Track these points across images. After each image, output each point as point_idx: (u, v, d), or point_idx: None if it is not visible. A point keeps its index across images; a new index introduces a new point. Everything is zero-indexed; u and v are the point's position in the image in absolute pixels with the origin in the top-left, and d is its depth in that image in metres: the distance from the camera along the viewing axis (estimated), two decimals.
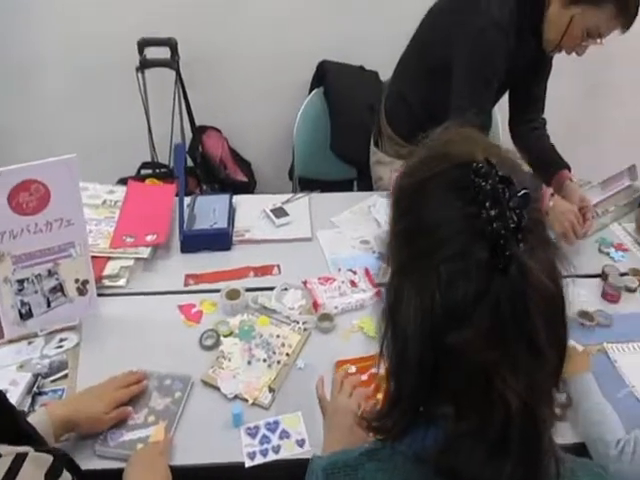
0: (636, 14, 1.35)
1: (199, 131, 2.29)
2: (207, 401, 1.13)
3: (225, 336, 1.25)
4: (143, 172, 2.26)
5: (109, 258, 1.41)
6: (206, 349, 1.23)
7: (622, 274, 1.46)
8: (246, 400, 1.12)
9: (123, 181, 2.21)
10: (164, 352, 1.21)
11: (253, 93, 2.32)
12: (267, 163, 2.46)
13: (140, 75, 2.04)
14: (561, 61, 1.84)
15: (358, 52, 2.24)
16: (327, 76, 2.20)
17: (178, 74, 2.08)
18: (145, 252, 1.43)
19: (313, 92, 2.20)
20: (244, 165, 2.44)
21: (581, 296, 1.41)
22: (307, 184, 2.25)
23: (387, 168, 1.79)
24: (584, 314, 1.33)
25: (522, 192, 0.53)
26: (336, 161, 2.23)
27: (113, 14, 2.09)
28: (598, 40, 1.40)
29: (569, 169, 1.60)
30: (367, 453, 0.61)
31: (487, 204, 0.52)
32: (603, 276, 1.46)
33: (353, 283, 1.37)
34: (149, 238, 1.47)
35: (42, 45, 2.16)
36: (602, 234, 1.64)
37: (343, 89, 2.19)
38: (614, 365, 1.23)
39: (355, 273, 1.40)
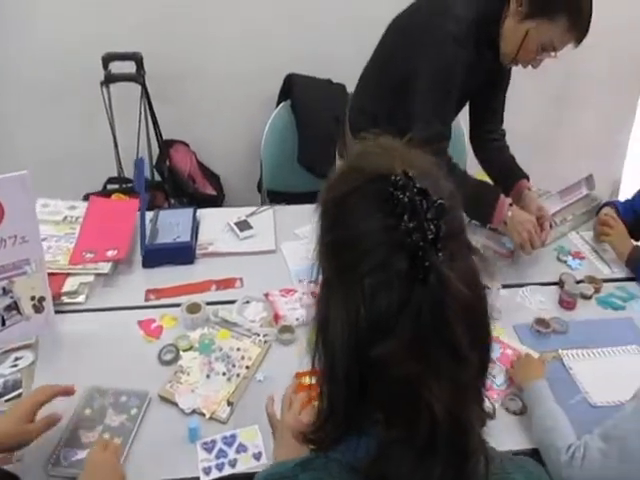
0: (588, 28, 1.38)
1: (167, 145, 2.28)
2: (164, 417, 1.12)
3: (185, 350, 1.25)
4: (110, 187, 2.24)
5: (68, 274, 1.40)
6: (165, 364, 1.22)
7: (578, 281, 1.50)
8: (204, 414, 1.11)
9: (89, 197, 2.22)
10: (122, 368, 1.20)
11: (221, 107, 2.33)
12: (236, 176, 2.46)
13: (105, 90, 2.04)
14: (523, 73, 1.92)
15: (325, 65, 2.27)
16: (294, 89, 2.22)
17: (144, 89, 2.08)
18: (105, 268, 1.43)
19: (280, 105, 2.22)
20: (213, 179, 2.44)
21: (539, 303, 1.45)
22: (276, 196, 2.27)
23: None
24: (540, 321, 1.36)
25: (438, 202, 0.54)
26: (304, 173, 2.24)
27: (77, 28, 2.08)
28: (553, 54, 1.44)
29: (528, 179, 1.63)
30: (302, 464, 0.61)
31: (405, 216, 0.53)
32: (560, 284, 1.49)
33: (315, 294, 1.37)
34: (110, 253, 1.46)
35: (7, 59, 2.14)
36: (561, 242, 1.68)
37: (310, 102, 2.21)
38: (569, 372, 1.25)
39: (317, 284, 1.40)
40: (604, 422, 1.02)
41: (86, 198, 2.13)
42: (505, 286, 1.48)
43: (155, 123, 2.17)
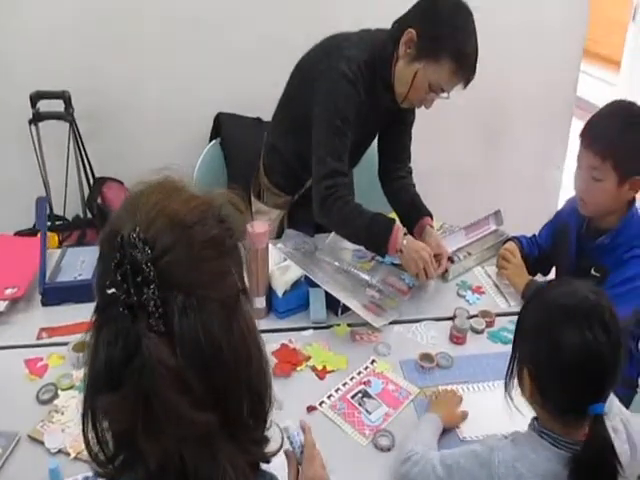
0: (474, 69, 1.45)
1: (99, 183, 2.32)
2: (30, 457, 1.12)
3: (64, 389, 1.26)
4: None
5: None
6: (42, 403, 1.23)
7: (472, 316, 1.53)
8: (69, 454, 1.12)
9: (19, 234, 2.24)
10: None
11: (153, 144, 2.37)
12: None
13: (34, 128, 2.08)
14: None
15: (255, 104, 2.33)
16: (223, 127, 2.27)
17: (72, 127, 2.13)
18: (1, 306, 1.44)
19: (211, 143, 2.27)
20: None
21: (430, 339, 1.48)
22: None
23: (265, 217, 1.85)
24: (425, 356, 1.38)
25: (149, 267, 0.56)
26: None
27: (5, 66, 2.13)
28: (444, 94, 1.50)
29: (431, 217, 1.68)
30: None
31: (125, 285, 0.56)
32: (453, 319, 1.52)
33: None
34: (9, 291, 1.48)
35: None
36: (463, 277, 1.71)
37: (239, 140, 2.26)
38: None
39: None
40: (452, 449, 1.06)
41: (18, 234, 2.18)
42: (399, 322, 1.51)
43: (84, 161, 2.21)
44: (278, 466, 0.78)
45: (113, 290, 0.57)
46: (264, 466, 0.71)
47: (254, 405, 0.66)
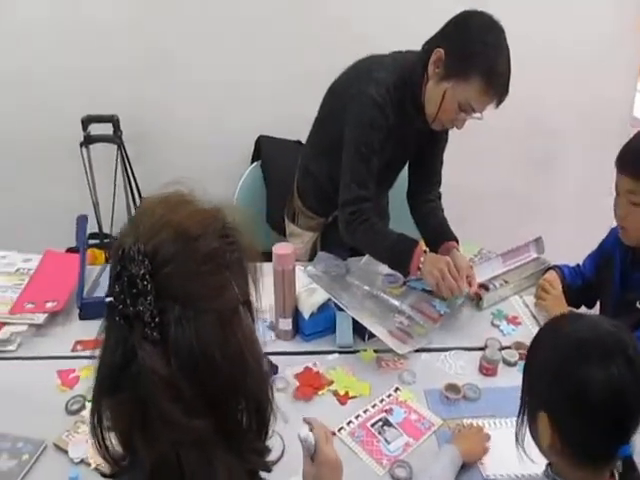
0: (505, 89, 1.41)
1: None
2: (54, 465, 1.16)
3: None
4: (91, 242, 2.37)
5: (5, 323, 1.49)
6: (70, 414, 1.27)
7: (504, 347, 1.47)
8: (89, 465, 1.15)
9: (70, 251, 2.35)
10: (30, 416, 1.25)
11: (197, 166, 2.43)
12: None
13: (85, 150, 2.20)
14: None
15: (295, 128, 2.37)
16: (263, 151, 2.32)
17: (120, 149, 2.23)
18: (40, 318, 1.51)
19: (252, 166, 2.32)
20: None
21: (459, 369, 1.43)
22: None
23: (299, 239, 1.86)
24: (451, 387, 1.34)
25: (144, 280, 0.58)
26: (272, 233, 2.31)
27: (58, 91, 2.27)
28: (477, 115, 1.46)
29: (457, 242, 1.64)
30: None
31: (122, 296, 0.59)
32: (484, 349, 1.47)
33: None
34: (49, 305, 1.55)
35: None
36: (499, 306, 1.65)
37: (279, 163, 2.30)
38: None
39: None
40: None
41: (69, 251, 2.29)
42: (427, 350, 1.47)
43: (131, 182, 2.31)
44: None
45: (111, 299, 0.60)
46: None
47: (253, 415, 0.67)
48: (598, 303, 1.68)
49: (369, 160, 1.51)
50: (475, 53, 1.37)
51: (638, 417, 0.83)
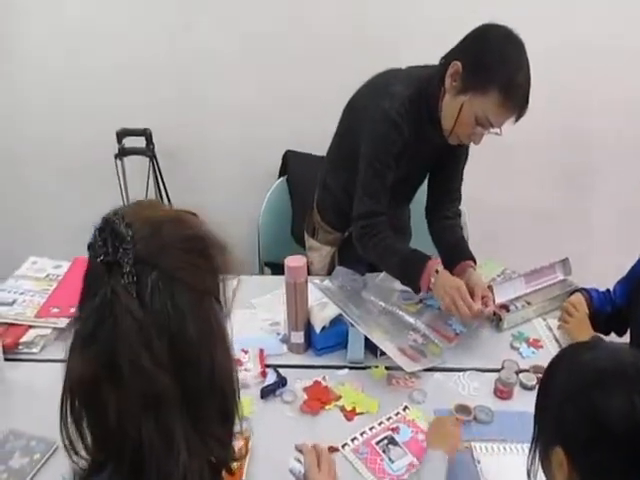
0: (525, 103, 1.37)
1: None
2: (62, 465, 1.17)
3: None
4: None
5: (30, 327, 1.55)
6: None
7: (521, 370, 1.42)
8: None
9: None
10: (46, 416, 1.28)
11: (226, 180, 2.52)
12: (240, 246, 2.57)
13: (119, 162, 2.28)
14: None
15: (321, 143, 2.39)
16: (290, 165, 2.35)
17: (152, 161, 2.30)
18: (64, 322, 1.56)
19: (278, 180, 2.35)
20: None
21: (472, 390, 1.39)
22: (273, 267, 2.36)
23: (317, 254, 1.87)
24: (462, 408, 1.30)
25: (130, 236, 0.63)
26: (297, 247, 2.32)
27: (95, 104, 2.38)
28: (497, 130, 1.42)
29: (474, 261, 1.60)
30: None
31: (101, 241, 0.64)
32: (500, 370, 1.42)
33: (238, 362, 1.42)
34: (73, 310, 1.59)
35: (41, 138, 2.48)
36: (520, 328, 1.60)
37: (304, 178, 2.32)
38: (476, 465, 1.18)
39: (246, 352, 1.45)
40: None
41: None
42: (440, 369, 1.44)
43: (162, 193, 2.37)
44: None
45: (96, 251, 0.64)
46: None
47: (217, 401, 0.69)
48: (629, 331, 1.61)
49: (383, 175, 1.50)
50: (493, 66, 1.34)
51: None
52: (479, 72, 1.36)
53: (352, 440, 1.23)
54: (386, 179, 1.51)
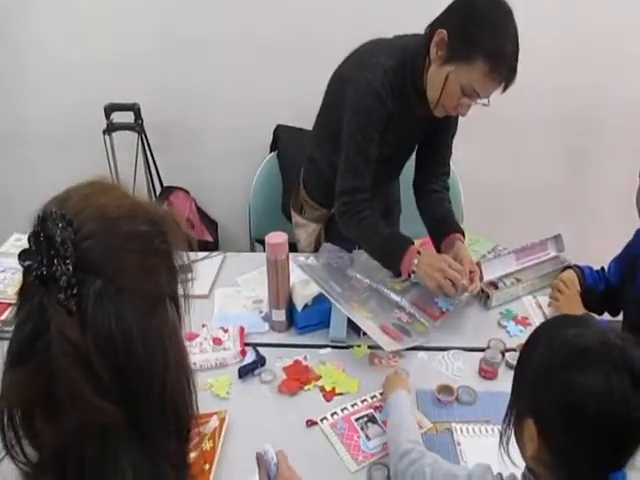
0: (512, 72, 1.31)
1: (167, 191, 2.44)
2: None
3: None
4: None
5: (12, 305, 1.53)
6: None
7: (507, 349, 1.39)
8: None
9: None
10: None
11: (216, 155, 2.47)
12: (232, 223, 2.57)
13: (107, 138, 2.24)
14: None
15: (314, 117, 2.33)
16: (280, 140, 2.30)
17: (141, 137, 2.26)
18: None
19: (269, 155, 2.30)
20: (211, 225, 2.55)
21: (456, 370, 1.36)
22: (264, 244, 2.32)
23: (303, 230, 1.83)
24: (444, 388, 1.27)
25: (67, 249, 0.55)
26: (288, 223, 2.28)
27: (80, 80, 2.32)
28: (485, 101, 1.37)
29: (463, 234, 1.56)
30: None
31: (38, 257, 0.55)
32: (485, 350, 1.39)
33: (217, 340, 1.39)
34: None
35: (29, 115, 2.44)
36: (509, 306, 1.57)
37: (294, 153, 2.26)
38: (455, 447, 1.15)
39: (226, 331, 1.43)
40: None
41: None
42: (425, 348, 1.41)
43: (154, 170, 2.33)
44: None
45: (29, 262, 0.56)
46: None
47: (169, 422, 0.62)
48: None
49: (366, 150, 1.45)
50: (479, 34, 1.27)
51: (636, 441, 0.73)
52: (465, 41, 1.29)
53: (332, 415, 1.21)
54: (370, 154, 1.46)
